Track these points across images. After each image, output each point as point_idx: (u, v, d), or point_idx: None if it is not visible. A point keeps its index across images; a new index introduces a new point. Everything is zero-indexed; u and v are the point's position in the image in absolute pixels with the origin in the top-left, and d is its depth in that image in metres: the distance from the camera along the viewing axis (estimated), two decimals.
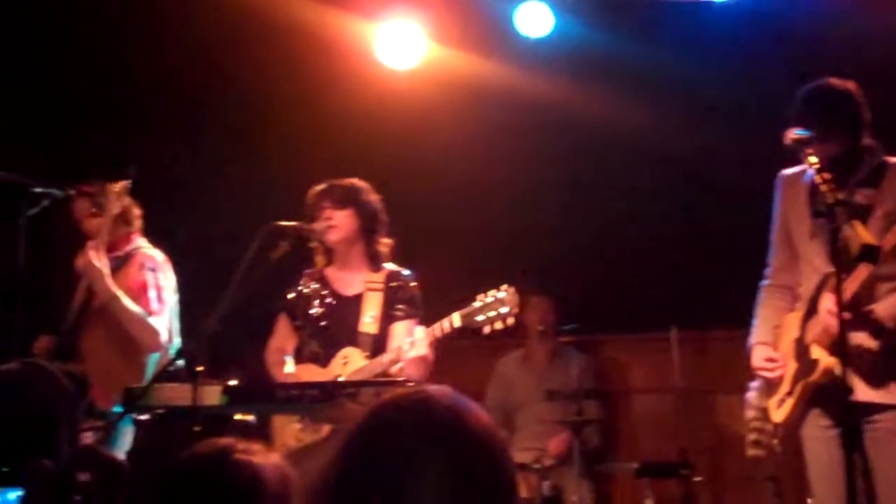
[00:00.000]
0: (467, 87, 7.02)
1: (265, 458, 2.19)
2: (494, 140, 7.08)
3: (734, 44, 6.62)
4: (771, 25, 6.51)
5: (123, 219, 5.47)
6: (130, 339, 5.28)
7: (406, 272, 4.93)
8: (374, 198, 4.94)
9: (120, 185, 5.34)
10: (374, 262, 4.91)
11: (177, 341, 5.39)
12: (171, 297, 5.47)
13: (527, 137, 7.12)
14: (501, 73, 7.05)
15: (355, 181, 4.95)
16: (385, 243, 4.95)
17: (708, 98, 6.74)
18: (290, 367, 4.94)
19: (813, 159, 4.04)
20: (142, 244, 5.55)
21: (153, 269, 5.42)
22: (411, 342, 4.48)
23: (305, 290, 4.99)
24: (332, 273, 4.99)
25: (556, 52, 6.95)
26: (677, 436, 6.49)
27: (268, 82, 7.12)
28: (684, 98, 6.81)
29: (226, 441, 2.23)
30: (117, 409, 5.11)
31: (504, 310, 4.40)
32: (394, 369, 4.57)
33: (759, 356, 4.46)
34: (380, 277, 4.88)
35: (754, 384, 4.50)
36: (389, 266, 4.94)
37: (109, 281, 5.27)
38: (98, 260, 5.25)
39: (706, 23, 6.69)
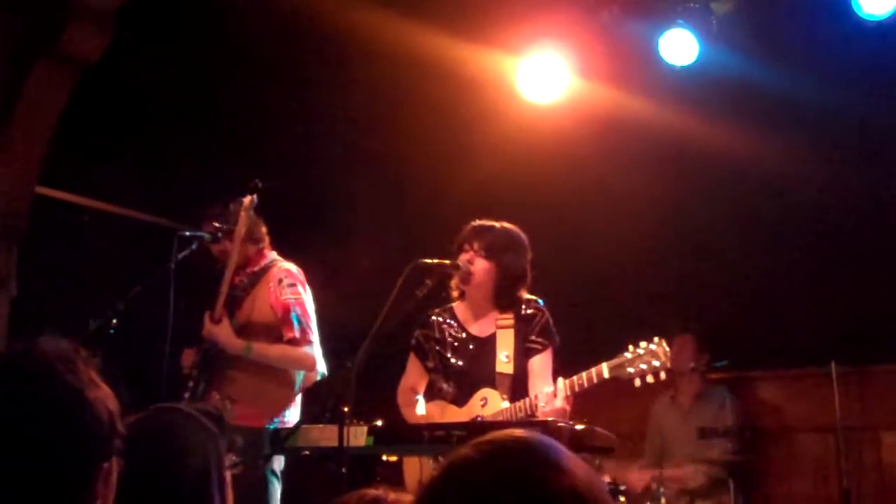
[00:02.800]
0: (610, 120, 6.91)
1: None
2: (637, 172, 6.95)
3: (887, 75, 6.34)
4: None
5: (251, 237, 5.46)
6: None
7: (537, 300, 4.81)
8: (521, 256, 4.78)
9: (247, 200, 5.36)
10: (505, 308, 4.80)
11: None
12: (312, 309, 5.44)
13: (670, 168, 6.97)
14: (645, 105, 6.92)
15: (511, 233, 4.81)
16: (520, 298, 4.80)
17: (858, 131, 6.49)
18: (421, 407, 4.89)
19: None
20: (276, 257, 5.54)
21: (293, 285, 5.39)
22: (550, 394, 4.37)
23: (436, 330, 4.92)
24: (462, 312, 4.91)
25: (700, 81, 6.78)
26: (839, 477, 6.21)
27: (411, 117, 7.15)
28: (838, 132, 6.57)
29: (376, 492, 2.16)
30: (270, 426, 5.14)
31: (656, 363, 4.30)
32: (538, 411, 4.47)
33: None
34: (509, 314, 4.78)
35: None
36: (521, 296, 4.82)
37: (235, 339, 5.27)
38: (217, 323, 5.28)
39: (861, 49, 6.43)
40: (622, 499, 5.67)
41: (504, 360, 4.69)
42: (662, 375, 4.33)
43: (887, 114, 6.31)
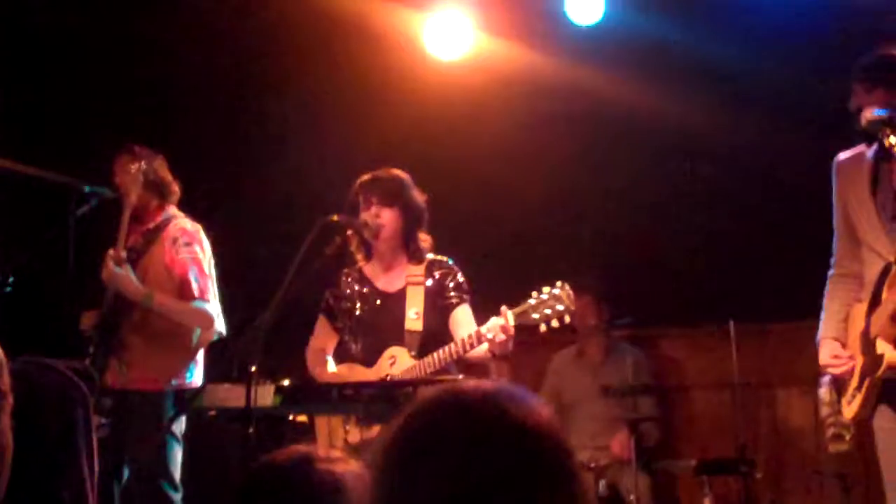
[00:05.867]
0: (516, 78, 6.90)
1: (346, 467, 2.09)
2: (543, 130, 6.96)
3: (794, 31, 6.42)
4: (833, 9, 6.29)
5: (158, 190, 5.37)
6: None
7: (447, 259, 4.85)
8: (418, 194, 4.83)
9: (134, 168, 5.24)
10: (415, 255, 4.82)
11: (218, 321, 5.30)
12: (210, 267, 5.33)
13: (576, 128, 6.99)
14: (550, 63, 6.92)
15: (401, 175, 4.83)
16: (425, 239, 4.85)
17: (764, 87, 6.57)
18: (331, 366, 4.86)
19: (894, 139, 3.91)
20: (174, 214, 5.42)
21: (189, 244, 5.27)
22: (500, 326, 4.34)
23: (345, 290, 4.89)
24: (371, 270, 4.89)
25: (606, 40, 6.80)
26: (736, 432, 6.33)
27: (315, 73, 7.05)
28: (739, 88, 6.65)
29: (306, 449, 2.13)
30: (169, 390, 5.05)
31: (560, 307, 4.32)
32: (476, 352, 4.48)
33: (826, 352, 4.32)
34: (420, 270, 4.79)
35: (824, 379, 4.37)
36: (429, 256, 4.85)
37: (137, 285, 5.15)
38: (120, 266, 5.15)
39: (764, 9, 6.51)
40: None
41: (413, 317, 4.69)
42: (567, 319, 4.36)
43: (798, 73, 6.39)
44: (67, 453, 2.44)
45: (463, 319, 4.68)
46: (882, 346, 4.07)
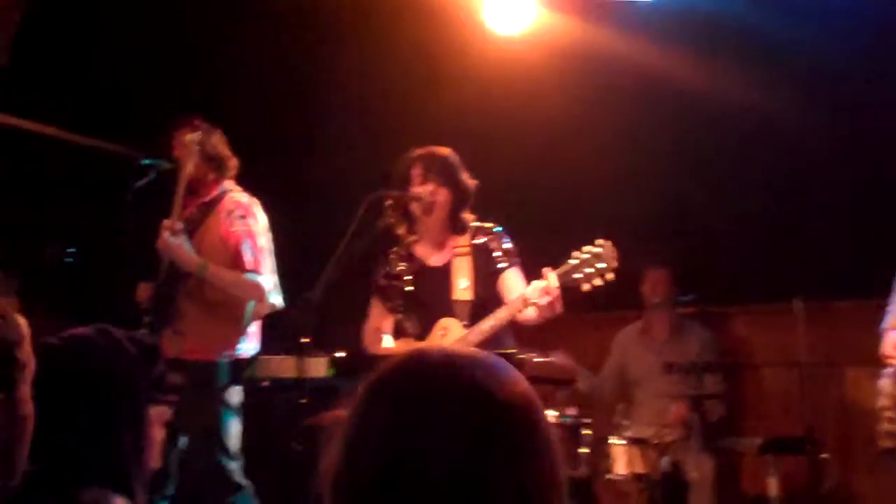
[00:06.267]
0: (576, 53, 6.84)
1: None
2: (604, 106, 6.88)
3: (853, 9, 6.27)
4: None
5: (215, 164, 5.41)
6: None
7: (493, 226, 4.83)
8: (466, 174, 4.82)
9: (188, 139, 5.30)
10: (459, 229, 4.82)
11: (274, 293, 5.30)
12: (265, 241, 5.36)
13: (636, 104, 6.90)
14: (610, 39, 6.84)
15: (453, 155, 4.81)
16: (468, 216, 4.83)
17: (827, 66, 6.42)
18: (388, 341, 4.86)
19: None
20: (229, 188, 5.45)
21: (243, 217, 5.31)
22: (543, 288, 4.30)
23: (395, 269, 4.89)
24: (418, 247, 4.90)
25: (666, 16, 6.71)
26: (803, 411, 6.22)
27: (374, 48, 7.05)
28: (802, 67, 6.51)
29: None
30: (222, 360, 5.06)
31: (601, 265, 4.26)
32: (525, 317, 4.46)
33: (889, 343, 4.25)
34: (465, 240, 4.80)
35: (887, 371, 4.28)
36: (474, 224, 4.83)
37: (191, 255, 5.19)
38: (175, 236, 5.18)
39: None
40: (587, 431, 5.58)
41: (462, 288, 4.66)
42: (609, 276, 4.28)
43: (856, 51, 6.25)
44: (104, 422, 2.44)
45: (513, 284, 4.66)
46: None
